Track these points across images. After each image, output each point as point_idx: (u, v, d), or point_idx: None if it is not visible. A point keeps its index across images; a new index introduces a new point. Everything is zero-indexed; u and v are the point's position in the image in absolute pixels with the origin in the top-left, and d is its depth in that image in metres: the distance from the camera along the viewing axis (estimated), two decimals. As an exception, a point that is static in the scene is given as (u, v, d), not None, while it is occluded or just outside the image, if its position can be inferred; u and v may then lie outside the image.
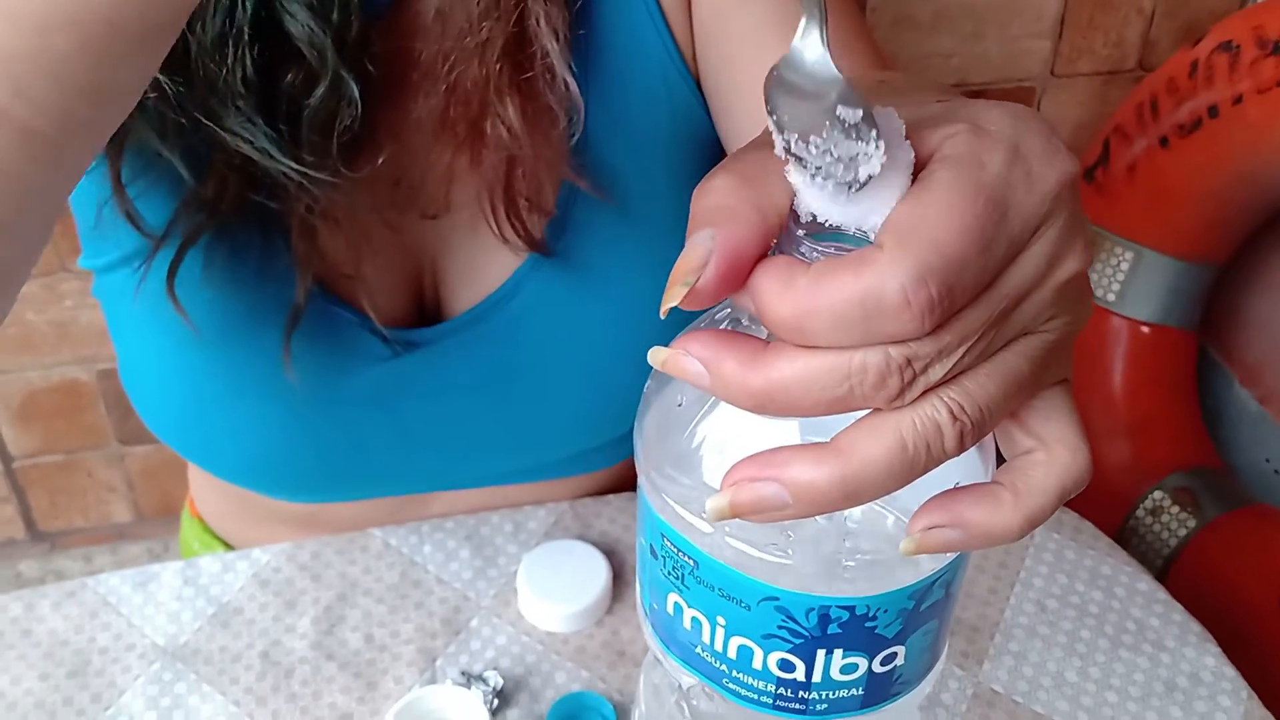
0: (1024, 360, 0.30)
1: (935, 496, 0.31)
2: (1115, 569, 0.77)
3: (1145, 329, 1.49)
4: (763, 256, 0.29)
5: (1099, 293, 1.49)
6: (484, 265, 0.68)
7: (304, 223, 0.61)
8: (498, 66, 0.59)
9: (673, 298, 0.29)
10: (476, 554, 0.76)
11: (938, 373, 0.29)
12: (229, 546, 0.89)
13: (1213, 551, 1.39)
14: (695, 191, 0.30)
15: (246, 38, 0.55)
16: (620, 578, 0.74)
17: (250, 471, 0.73)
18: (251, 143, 0.57)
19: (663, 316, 0.29)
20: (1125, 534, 1.46)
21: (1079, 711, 0.68)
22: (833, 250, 0.29)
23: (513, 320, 0.69)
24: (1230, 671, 0.71)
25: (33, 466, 1.63)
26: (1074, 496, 0.32)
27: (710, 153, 0.71)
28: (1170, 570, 1.42)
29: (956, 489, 0.31)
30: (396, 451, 0.73)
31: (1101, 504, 1.44)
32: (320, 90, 0.56)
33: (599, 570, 0.72)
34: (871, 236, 0.29)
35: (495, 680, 0.67)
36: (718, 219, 0.29)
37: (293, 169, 0.58)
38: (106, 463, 1.64)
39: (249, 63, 0.55)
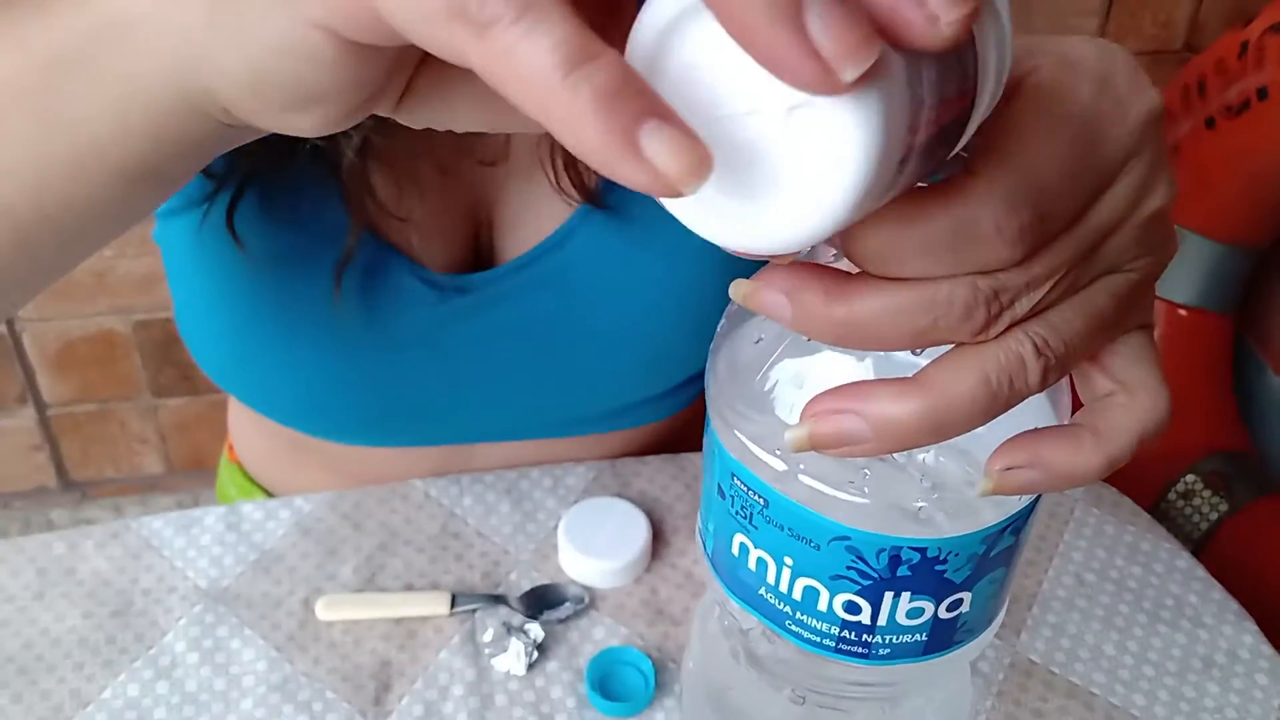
0: (1108, 298, 0.30)
1: (1014, 437, 0.31)
2: (1154, 545, 0.76)
3: (1183, 312, 1.48)
4: None
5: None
6: (537, 213, 0.68)
7: (354, 165, 0.61)
8: None
9: None
10: (516, 508, 0.76)
11: (1024, 306, 0.28)
12: (267, 494, 0.90)
13: (1243, 536, 1.39)
14: None
15: None
16: (659, 536, 0.74)
17: (300, 412, 0.73)
18: None
19: None
20: (1156, 516, 1.44)
21: (1116, 684, 0.68)
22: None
23: (563, 268, 0.69)
24: (1268, 650, 0.70)
25: (66, 415, 1.64)
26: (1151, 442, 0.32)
27: None
28: (1200, 554, 1.41)
29: (1035, 430, 0.31)
30: (443, 397, 0.73)
31: (1133, 486, 1.43)
32: None
33: (639, 527, 0.72)
34: None
35: (536, 633, 0.67)
36: None
37: None
38: (139, 414, 1.65)
39: None
